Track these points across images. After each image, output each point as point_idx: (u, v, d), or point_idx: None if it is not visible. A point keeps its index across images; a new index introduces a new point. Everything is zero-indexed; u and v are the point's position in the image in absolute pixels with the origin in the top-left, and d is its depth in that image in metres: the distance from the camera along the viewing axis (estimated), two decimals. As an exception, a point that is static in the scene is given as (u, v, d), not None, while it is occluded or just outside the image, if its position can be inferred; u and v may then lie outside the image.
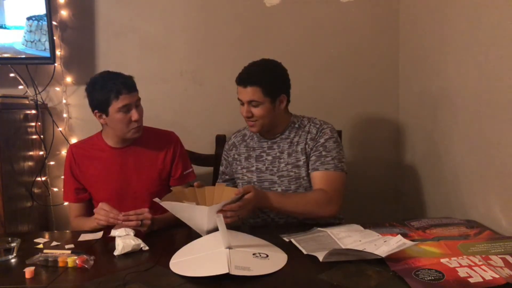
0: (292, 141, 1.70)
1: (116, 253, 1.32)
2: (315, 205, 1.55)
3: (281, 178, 1.69)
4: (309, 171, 1.66)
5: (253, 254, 1.22)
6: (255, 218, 1.71)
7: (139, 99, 1.68)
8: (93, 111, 1.68)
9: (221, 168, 1.87)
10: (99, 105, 1.64)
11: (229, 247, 1.22)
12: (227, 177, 1.84)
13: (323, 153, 1.64)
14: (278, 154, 1.71)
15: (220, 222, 1.23)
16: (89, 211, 1.77)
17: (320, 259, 1.18)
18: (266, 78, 1.62)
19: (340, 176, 1.62)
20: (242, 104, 1.64)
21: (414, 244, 1.23)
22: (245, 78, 1.62)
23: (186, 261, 1.22)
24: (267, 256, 1.22)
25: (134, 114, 1.63)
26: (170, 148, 1.77)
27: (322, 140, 1.67)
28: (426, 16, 2.01)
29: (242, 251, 1.23)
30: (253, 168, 1.73)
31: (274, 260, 1.21)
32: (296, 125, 1.73)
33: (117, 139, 1.72)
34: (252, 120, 1.64)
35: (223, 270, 1.09)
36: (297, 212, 1.58)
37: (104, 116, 1.65)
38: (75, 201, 1.77)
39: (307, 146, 1.68)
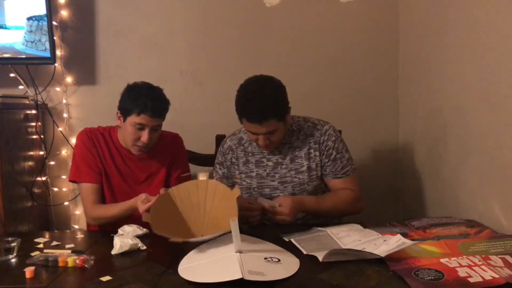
0: (293, 146, 1.68)
1: (113, 252, 1.32)
2: (347, 205, 1.65)
3: (284, 184, 1.68)
4: (328, 176, 1.68)
5: (265, 258, 1.20)
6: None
7: (160, 125, 1.65)
8: (118, 108, 1.68)
9: (220, 173, 1.78)
10: (122, 108, 1.64)
11: (240, 251, 1.20)
12: (230, 181, 1.77)
13: (337, 155, 1.66)
14: (279, 160, 1.69)
15: (234, 227, 1.20)
16: (103, 200, 1.70)
17: (320, 259, 1.18)
18: (278, 107, 1.55)
19: (357, 176, 1.71)
20: (253, 133, 1.58)
21: (414, 243, 1.23)
22: (258, 117, 1.52)
23: (196, 267, 1.19)
24: (279, 260, 1.20)
25: (144, 136, 1.61)
26: (174, 153, 1.77)
27: (330, 143, 1.66)
28: (426, 16, 2.01)
29: (254, 255, 1.21)
30: (253, 174, 1.71)
31: (287, 264, 1.18)
32: (294, 127, 1.70)
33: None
34: (268, 146, 1.62)
35: (237, 276, 1.06)
36: (331, 213, 1.64)
37: (122, 119, 1.65)
38: (96, 181, 1.67)
39: (312, 150, 1.67)
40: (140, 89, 1.63)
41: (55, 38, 2.18)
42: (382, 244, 1.23)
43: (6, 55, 2.13)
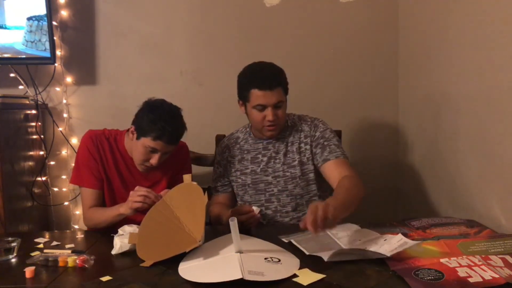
0: (286, 141, 1.71)
1: (113, 252, 1.33)
2: (356, 186, 1.50)
3: (276, 178, 1.69)
4: (319, 164, 1.64)
5: (265, 258, 1.20)
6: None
7: (172, 150, 1.62)
8: (132, 123, 1.63)
9: (217, 172, 1.80)
10: (138, 127, 1.58)
11: (240, 251, 1.20)
12: (226, 180, 1.79)
13: (325, 142, 1.66)
14: (273, 154, 1.71)
15: (233, 226, 1.20)
16: (104, 205, 1.69)
17: (325, 259, 1.18)
18: (284, 77, 1.65)
19: (348, 162, 1.63)
20: (261, 110, 1.60)
21: (417, 243, 1.23)
22: (271, 81, 1.58)
23: (196, 267, 1.19)
24: (279, 260, 1.20)
25: (154, 159, 1.58)
26: (180, 163, 1.75)
27: (318, 134, 1.69)
28: (426, 16, 2.01)
29: (254, 255, 1.21)
30: (248, 171, 1.73)
31: (287, 264, 1.19)
32: (289, 123, 1.73)
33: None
34: (275, 123, 1.62)
35: (237, 276, 1.06)
36: (356, 196, 1.45)
37: (135, 136, 1.60)
38: (96, 187, 1.65)
39: (302, 144, 1.69)
40: (161, 113, 1.55)
41: (55, 38, 2.18)
42: (384, 243, 1.24)
43: (6, 55, 2.13)
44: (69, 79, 2.31)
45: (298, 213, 1.69)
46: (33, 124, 2.20)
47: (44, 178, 2.28)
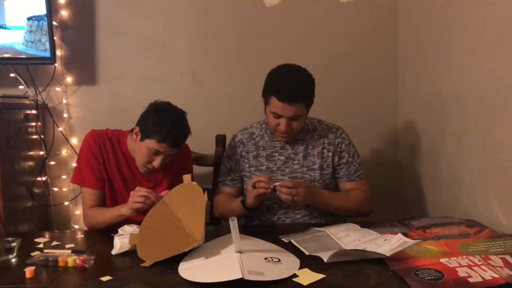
0: (306, 143, 1.71)
1: (113, 252, 1.33)
2: (358, 203, 1.70)
3: (294, 179, 1.68)
4: (340, 180, 1.74)
5: (265, 258, 1.20)
6: (261, 218, 1.71)
7: (175, 153, 1.63)
8: (137, 124, 1.62)
9: (228, 166, 1.79)
10: (143, 129, 1.58)
11: (240, 251, 1.20)
12: (237, 174, 1.78)
13: (350, 159, 1.72)
14: (292, 155, 1.71)
15: (233, 226, 1.20)
16: (104, 205, 1.69)
17: (325, 260, 1.18)
18: (309, 92, 1.61)
19: (367, 180, 1.78)
20: (277, 117, 1.59)
21: (416, 242, 1.23)
22: (292, 96, 1.55)
23: (196, 267, 1.20)
24: (279, 260, 1.20)
25: (156, 161, 1.59)
26: (181, 163, 1.75)
27: (344, 146, 1.72)
28: (426, 16, 2.01)
29: (254, 255, 1.21)
30: (263, 168, 1.72)
31: (287, 264, 1.19)
32: (309, 127, 1.73)
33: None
34: (287, 133, 1.62)
35: (237, 275, 1.06)
36: (343, 208, 1.68)
37: (139, 137, 1.60)
38: (97, 187, 1.66)
39: (325, 150, 1.70)
40: (166, 116, 1.56)
41: (55, 38, 2.18)
42: (384, 243, 1.23)
43: (6, 55, 2.13)
44: (69, 79, 2.31)
45: (308, 210, 1.69)
46: (33, 124, 2.20)
47: (44, 178, 2.28)
